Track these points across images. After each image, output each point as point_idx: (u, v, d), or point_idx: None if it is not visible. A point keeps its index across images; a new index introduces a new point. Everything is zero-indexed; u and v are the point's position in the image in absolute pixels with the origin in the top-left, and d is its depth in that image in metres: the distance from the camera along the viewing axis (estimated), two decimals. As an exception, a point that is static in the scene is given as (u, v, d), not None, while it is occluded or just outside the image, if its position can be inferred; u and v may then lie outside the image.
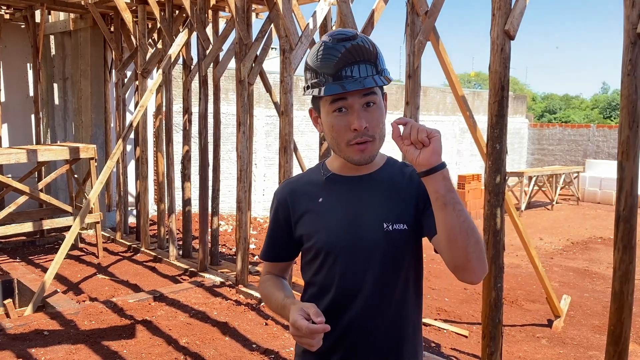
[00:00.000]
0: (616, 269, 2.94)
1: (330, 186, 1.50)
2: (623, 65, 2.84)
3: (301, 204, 1.52)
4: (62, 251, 5.41)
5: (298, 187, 1.55)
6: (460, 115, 15.31)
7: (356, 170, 1.47)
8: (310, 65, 1.40)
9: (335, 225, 1.45)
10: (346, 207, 1.46)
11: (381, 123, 1.40)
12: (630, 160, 2.85)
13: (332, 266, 1.45)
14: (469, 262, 1.27)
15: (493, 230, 3.45)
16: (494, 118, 3.41)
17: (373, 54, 1.37)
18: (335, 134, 1.39)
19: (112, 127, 8.63)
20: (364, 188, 1.47)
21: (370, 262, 1.42)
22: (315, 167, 1.59)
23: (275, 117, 11.14)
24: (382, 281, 1.43)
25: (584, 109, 40.41)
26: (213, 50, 6.27)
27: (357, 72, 1.34)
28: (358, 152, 1.39)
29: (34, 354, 4.05)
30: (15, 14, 8.42)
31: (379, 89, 1.40)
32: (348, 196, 1.47)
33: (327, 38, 1.39)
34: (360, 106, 1.36)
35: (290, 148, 5.21)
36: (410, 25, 4.07)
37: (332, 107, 1.38)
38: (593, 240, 9.56)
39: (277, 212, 1.55)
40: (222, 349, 4.23)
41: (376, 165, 1.50)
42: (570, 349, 4.70)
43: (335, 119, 1.38)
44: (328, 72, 1.35)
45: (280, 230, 1.56)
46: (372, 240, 1.42)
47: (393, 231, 1.41)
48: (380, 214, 1.43)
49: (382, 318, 1.45)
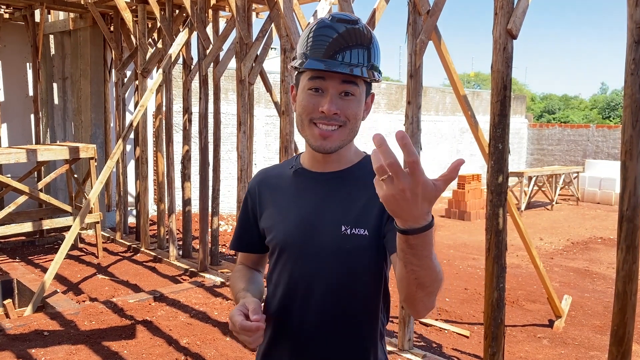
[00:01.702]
0: (619, 269, 2.93)
1: (296, 180, 1.42)
2: (626, 64, 2.83)
3: (266, 195, 1.46)
4: (61, 251, 5.40)
5: (267, 177, 1.50)
6: (460, 115, 15.32)
7: (324, 166, 1.38)
8: (303, 38, 1.32)
9: (291, 222, 1.38)
10: (306, 204, 1.38)
11: (355, 116, 1.31)
12: (633, 160, 2.84)
13: (285, 265, 1.39)
14: (416, 308, 1.15)
15: (495, 230, 3.44)
16: (497, 117, 3.40)
17: (367, 41, 1.29)
18: (301, 109, 1.31)
19: (112, 126, 8.61)
20: (328, 186, 1.37)
21: (322, 266, 1.33)
22: (291, 158, 1.51)
23: (275, 117, 11.13)
24: (334, 289, 1.33)
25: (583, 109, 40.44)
26: (213, 49, 6.25)
27: (348, 57, 1.25)
28: (319, 137, 1.29)
29: (34, 354, 4.03)
30: (15, 13, 8.40)
31: (363, 84, 1.31)
32: (310, 193, 1.38)
33: (328, 16, 1.32)
34: (336, 92, 1.27)
35: (291, 148, 5.20)
36: (411, 25, 4.05)
37: (308, 84, 1.29)
38: (593, 241, 9.56)
39: (246, 200, 1.51)
40: (222, 349, 4.22)
41: (348, 162, 1.39)
42: (572, 349, 4.69)
43: (308, 96, 1.30)
44: (318, 48, 1.27)
45: (247, 221, 1.50)
46: (326, 243, 1.32)
47: (351, 235, 1.30)
48: (339, 216, 1.33)
49: (335, 331, 1.35)
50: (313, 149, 1.34)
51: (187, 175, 6.80)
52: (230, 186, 10.30)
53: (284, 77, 5.13)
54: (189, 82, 6.71)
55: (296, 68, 1.33)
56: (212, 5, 6.59)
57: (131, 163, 8.67)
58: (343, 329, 1.35)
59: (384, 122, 14.16)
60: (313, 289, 1.35)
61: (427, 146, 15.00)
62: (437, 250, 1.37)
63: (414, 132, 4.12)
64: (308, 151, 1.41)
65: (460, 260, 7.72)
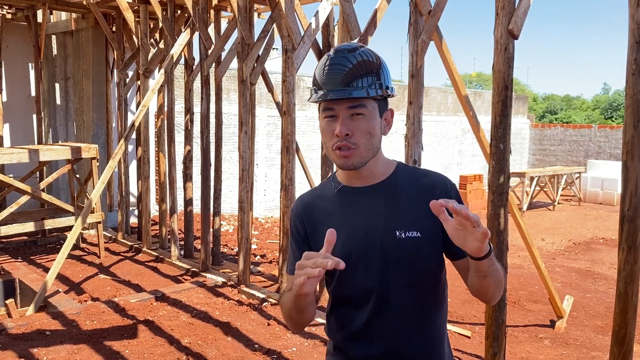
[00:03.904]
0: (621, 270, 2.93)
1: (342, 198, 1.52)
2: (628, 65, 2.83)
3: (315, 217, 1.54)
4: (63, 251, 5.41)
5: (311, 200, 1.58)
6: (462, 116, 15.31)
7: (362, 181, 1.50)
8: (316, 72, 1.47)
9: (348, 236, 1.45)
10: (357, 217, 1.47)
11: (368, 134, 1.42)
12: (635, 160, 2.83)
13: (349, 277, 1.46)
14: (488, 300, 1.46)
15: (496, 231, 3.44)
16: (498, 118, 3.40)
17: (376, 66, 1.43)
18: (324, 137, 1.46)
19: (114, 127, 8.63)
20: (375, 198, 1.48)
21: (388, 271, 1.43)
22: (327, 180, 1.62)
23: (276, 117, 11.14)
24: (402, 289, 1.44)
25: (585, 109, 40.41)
26: (215, 50, 6.26)
27: (350, 82, 1.40)
28: (341, 157, 1.43)
29: (36, 354, 4.04)
30: (17, 13, 8.42)
31: (373, 102, 1.43)
32: (358, 206, 1.49)
33: (332, 51, 1.46)
34: (346, 115, 1.40)
35: (293, 148, 5.20)
36: (413, 25, 4.06)
37: (323, 114, 1.44)
38: (595, 241, 9.54)
39: (295, 226, 1.57)
40: (224, 349, 4.22)
41: (384, 174, 1.51)
42: (573, 350, 4.68)
43: (325, 123, 1.44)
44: (325, 80, 1.42)
45: (300, 243, 1.56)
46: (385, 249, 1.43)
47: (406, 239, 1.42)
48: (392, 222, 1.44)
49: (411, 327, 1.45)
50: (340, 168, 1.48)
51: (189, 175, 6.81)
52: (232, 186, 10.30)
53: (286, 77, 5.14)
54: (190, 83, 6.72)
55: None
56: (214, 5, 6.61)
57: (133, 163, 8.68)
58: (417, 323, 1.46)
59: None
60: (386, 292, 1.44)
61: (429, 146, 15.00)
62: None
63: (415, 132, 4.12)
64: (343, 171, 1.53)
65: (462, 261, 7.71)
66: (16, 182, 6.52)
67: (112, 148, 8.43)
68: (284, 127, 5.17)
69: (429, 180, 1.51)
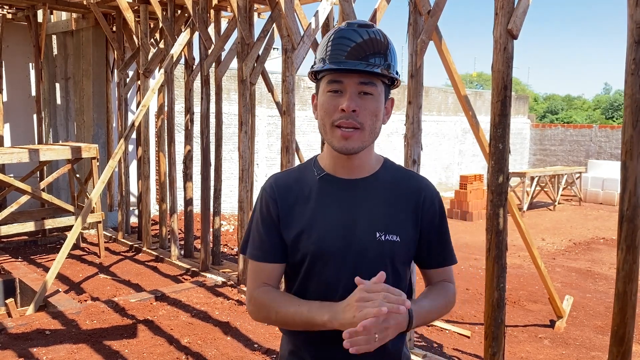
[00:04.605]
0: (619, 269, 2.92)
1: (323, 187, 1.41)
2: (627, 64, 2.82)
3: (289, 200, 1.42)
4: (63, 251, 5.41)
5: (289, 182, 1.45)
6: (462, 116, 15.30)
7: (350, 172, 1.41)
8: (322, 45, 1.38)
9: (326, 229, 1.37)
10: (337, 212, 1.38)
11: (375, 116, 1.34)
12: (634, 160, 2.83)
13: (319, 274, 1.37)
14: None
15: (496, 230, 3.44)
16: (497, 117, 3.39)
17: (384, 45, 1.34)
18: (323, 112, 1.35)
19: (114, 126, 8.63)
20: (359, 193, 1.40)
21: (362, 272, 1.33)
22: (307, 163, 1.50)
23: (276, 117, 11.14)
24: None
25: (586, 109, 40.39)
26: (215, 50, 6.26)
27: (365, 58, 1.31)
28: (341, 138, 1.32)
29: (36, 353, 4.05)
30: (18, 13, 8.43)
31: (381, 85, 1.35)
32: (342, 200, 1.39)
33: (344, 24, 1.37)
34: (355, 91, 1.31)
35: (292, 148, 5.20)
36: (412, 25, 4.05)
37: (328, 87, 1.34)
38: (595, 241, 9.54)
39: (267, 207, 1.43)
40: (223, 349, 4.22)
41: (372, 168, 1.43)
42: (573, 350, 4.68)
43: (328, 98, 1.33)
44: (337, 53, 1.32)
45: (273, 227, 1.42)
46: (363, 249, 1.36)
47: (385, 241, 1.35)
48: (373, 222, 1.37)
49: None
50: (337, 151, 1.36)
51: (189, 175, 6.81)
52: (232, 186, 10.31)
53: (286, 77, 5.14)
54: (190, 82, 6.72)
55: (314, 73, 1.38)
56: (214, 5, 6.61)
57: (133, 163, 8.69)
58: None
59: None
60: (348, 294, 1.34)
61: (429, 146, 15.00)
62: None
63: (414, 132, 4.12)
64: (331, 156, 1.42)
65: (462, 261, 7.71)
66: (16, 181, 6.52)
67: (113, 148, 8.44)
68: (284, 127, 5.17)
69: (416, 184, 1.45)
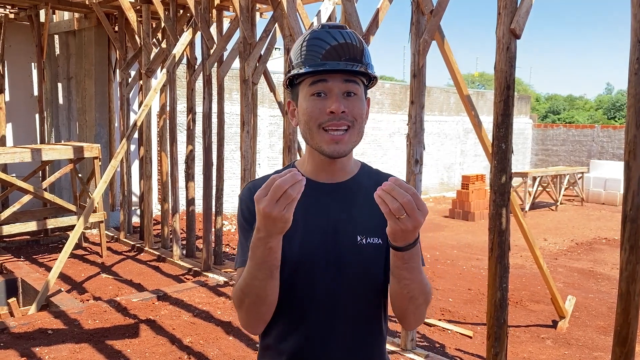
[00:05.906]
0: (623, 270, 2.92)
1: (304, 192, 1.31)
2: (630, 64, 2.81)
3: None
4: (65, 250, 5.42)
5: None
6: (464, 116, 15.28)
7: (331, 176, 1.38)
8: (296, 49, 1.33)
9: (306, 236, 1.34)
10: (318, 217, 1.36)
11: (361, 115, 1.31)
12: (637, 160, 2.82)
13: (302, 280, 1.34)
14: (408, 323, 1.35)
15: (498, 230, 3.43)
16: (500, 117, 3.39)
17: (359, 43, 1.31)
18: (307, 117, 1.29)
19: (116, 126, 8.64)
20: (338, 197, 1.38)
21: (345, 277, 1.33)
22: (285, 168, 1.42)
23: (278, 117, 11.14)
24: (357, 297, 1.35)
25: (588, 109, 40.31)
26: (217, 49, 6.26)
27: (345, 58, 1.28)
28: (331, 142, 1.28)
29: (38, 352, 4.05)
30: (20, 13, 8.44)
31: (362, 85, 1.32)
32: (321, 205, 1.37)
33: (318, 26, 1.34)
34: (340, 92, 1.27)
35: (294, 147, 5.20)
36: (415, 24, 4.05)
37: (310, 90, 1.29)
38: (597, 241, 9.52)
39: (244, 215, 1.39)
40: (225, 349, 4.22)
41: (351, 172, 1.41)
42: (575, 350, 4.67)
43: (312, 102, 1.28)
44: (314, 55, 1.28)
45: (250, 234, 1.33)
46: (345, 254, 1.33)
47: (367, 245, 1.33)
48: (354, 226, 1.35)
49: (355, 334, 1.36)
50: (327, 155, 1.31)
51: (191, 175, 6.82)
52: (234, 186, 10.32)
53: (288, 77, 5.13)
54: (192, 82, 6.73)
55: (293, 77, 1.32)
56: (216, 5, 6.61)
57: (135, 163, 8.69)
58: (363, 332, 1.38)
59: (387, 122, 14.12)
60: (338, 300, 1.33)
61: (431, 146, 14.98)
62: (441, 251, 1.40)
63: (417, 132, 4.12)
64: (313, 161, 1.39)
65: (464, 261, 7.71)
66: (19, 181, 6.53)
67: (115, 147, 8.45)
68: (286, 126, 5.17)
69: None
